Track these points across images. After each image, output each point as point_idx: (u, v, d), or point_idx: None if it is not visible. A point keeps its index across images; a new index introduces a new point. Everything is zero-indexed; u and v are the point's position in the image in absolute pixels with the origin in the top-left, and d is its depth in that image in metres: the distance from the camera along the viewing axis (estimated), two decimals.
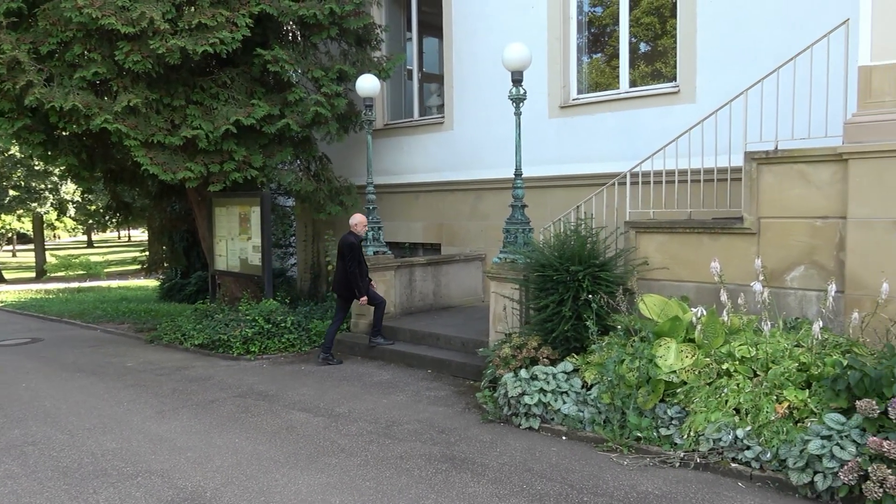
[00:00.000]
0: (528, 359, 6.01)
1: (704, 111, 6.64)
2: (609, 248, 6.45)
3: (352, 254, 7.96)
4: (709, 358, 5.11)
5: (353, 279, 7.98)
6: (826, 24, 5.71)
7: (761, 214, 5.74)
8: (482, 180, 9.73)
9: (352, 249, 7.97)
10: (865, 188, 5.11)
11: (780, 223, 5.64)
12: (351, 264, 7.96)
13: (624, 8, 8.55)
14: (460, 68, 10.06)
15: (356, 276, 7.98)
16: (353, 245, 8.01)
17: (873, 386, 4.24)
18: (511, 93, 7.16)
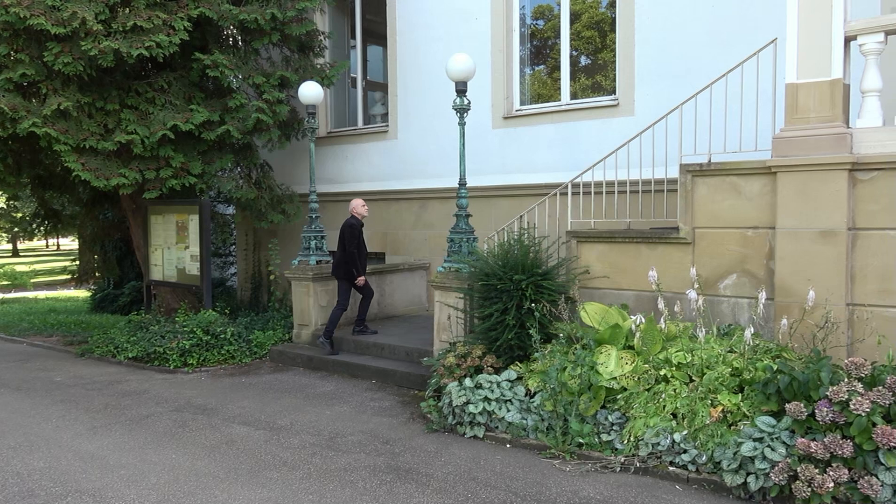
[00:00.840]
0: (472, 367, 6.04)
1: (642, 124, 6.83)
2: (551, 258, 6.56)
3: (352, 236, 8.19)
4: (647, 364, 5.24)
5: (350, 260, 8.18)
6: (756, 42, 5.95)
7: (696, 224, 5.92)
8: (427, 189, 9.76)
9: (352, 231, 8.22)
10: (792, 200, 5.33)
11: (713, 233, 5.84)
12: (350, 245, 8.18)
13: (565, 22, 8.74)
14: (405, 77, 10.08)
15: (354, 256, 8.19)
16: (353, 227, 8.27)
17: (801, 389, 4.42)
18: (455, 103, 7.21)
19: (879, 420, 4.05)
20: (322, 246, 9.09)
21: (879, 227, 5.07)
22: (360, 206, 8.45)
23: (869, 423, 4.04)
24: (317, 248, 9.02)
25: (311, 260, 8.93)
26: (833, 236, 5.18)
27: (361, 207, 8.44)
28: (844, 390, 4.19)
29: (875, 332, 5.00)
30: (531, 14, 9.43)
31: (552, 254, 6.59)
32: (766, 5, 6.61)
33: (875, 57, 5.19)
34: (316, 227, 9.06)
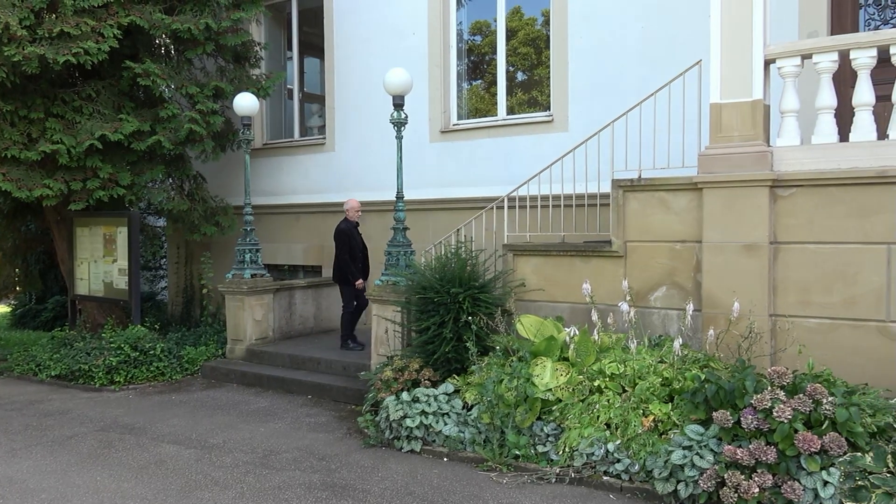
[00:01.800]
0: (409, 381, 6.02)
1: (576, 140, 6.98)
2: (488, 271, 6.62)
3: (340, 242, 8.03)
4: (582, 375, 5.33)
5: (344, 266, 8.02)
6: (683, 63, 6.16)
7: (628, 238, 6.08)
8: (364, 202, 9.66)
9: (340, 237, 8.04)
10: (717, 214, 5.54)
11: (644, 246, 6.01)
12: (340, 251, 8.02)
13: (501, 38, 8.88)
14: (342, 90, 10.05)
15: (346, 262, 8.01)
16: (343, 232, 8.09)
17: (728, 398, 4.58)
18: (392, 116, 7.23)
19: (801, 427, 4.22)
20: (257, 259, 8.94)
21: (799, 241, 5.31)
22: (354, 209, 8.27)
23: (791, 430, 4.20)
24: (252, 261, 8.87)
25: (245, 273, 8.77)
26: (756, 250, 5.40)
27: (355, 212, 8.27)
28: (768, 398, 4.36)
29: (796, 342, 5.23)
30: (468, 30, 9.55)
31: (489, 267, 6.65)
32: (692, 28, 6.87)
33: (792, 79, 5.46)
34: (251, 240, 8.90)
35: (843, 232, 5.16)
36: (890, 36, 5.13)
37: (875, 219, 5.04)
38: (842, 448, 4.11)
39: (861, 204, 5.09)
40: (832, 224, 5.19)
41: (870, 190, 5.06)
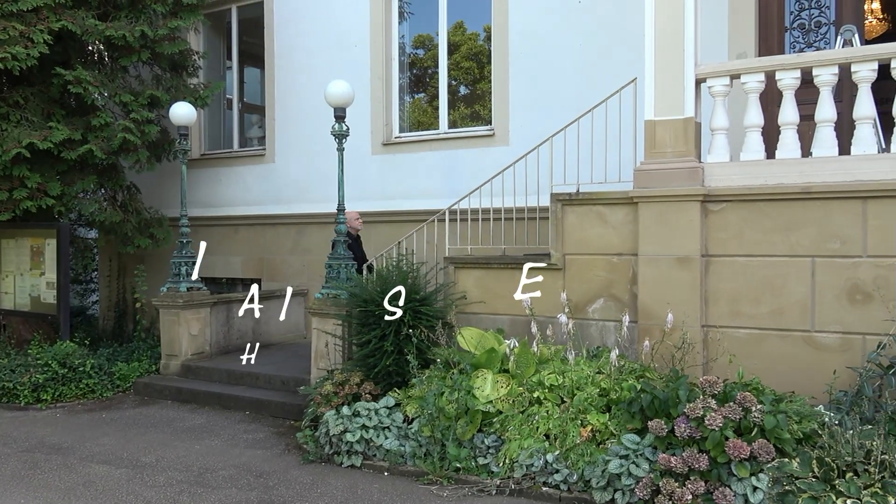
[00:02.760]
0: (350, 395, 5.96)
1: (517, 153, 7.08)
2: (430, 283, 6.63)
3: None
4: (522, 387, 5.38)
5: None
6: (620, 80, 6.34)
7: (566, 251, 6.19)
8: (305, 214, 9.63)
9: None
10: (652, 228, 5.70)
11: (582, 259, 6.12)
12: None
13: (443, 52, 8.96)
14: (283, 101, 9.95)
15: None
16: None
17: (662, 407, 4.69)
18: (334, 128, 7.20)
19: (731, 434, 4.35)
20: (193, 272, 8.73)
21: (728, 253, 5.50)
22: (354, 218, 8.11)
23: (722, 438, 4.33)
24: (187, 274, 8.65)
25: (181, 287, 8.55)
26: (688, 262, 5.57)
27: (356, 221, 8.12)
28: (700, 407, 4.48)
29: (726, 352, 5.40)
30: (411, 43, 9.59)
31: (430, 280, 6.66)
32: (628, 47, 7.05)
33: (722, 98, 5.67)
34: (187, 253, 8.69)
35: (771, 245, 5.36)
36: (813, 58, 5.39)
37: (800, 233, 5.27)
38: (770, 454, 4.25)
39: (787, 218, 5.31)
40: (760, 238, 5.39)
41: (795, 205, 5.28)
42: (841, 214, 5.14)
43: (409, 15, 9.53)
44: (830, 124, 5.29)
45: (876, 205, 5.03)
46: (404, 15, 9.48)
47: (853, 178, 5.10)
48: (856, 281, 5.10)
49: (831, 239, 5.17)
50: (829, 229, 5.17)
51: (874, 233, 5.03)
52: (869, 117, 5.17)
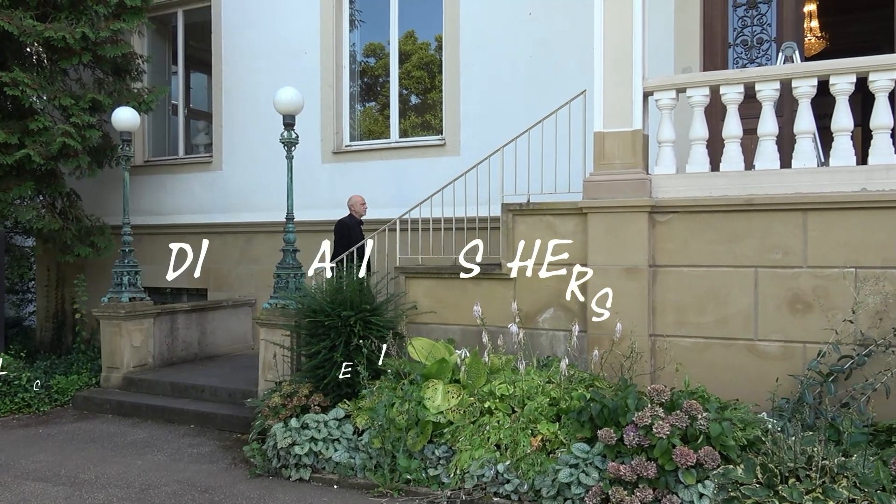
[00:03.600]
0: (298, 407, 5.86)
1: (468, 163, 7.09)
2: (380, 294, 6.57)
3: (339, 235, 7.55)
4: (473, 397, 5.36)
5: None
6: (570, 91, 6.41)
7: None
8: (253, 223, 9.46)
9: (340, 231, 7.57)
10: (601, 238, 5.77)
11: (533, 269, 6.14)
12: (339, 245, 7.50)
13: (394, 61, 8.94)
14: (231, 107, 9.78)
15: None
16: (343, 225, 7.63)
17: (611, 416, 4.73)
18: (283, 136, 7.10)
19: (678, 442, 4.41)
20: (136, 282, 8.47)
21: (675, 264, 5.60)
22: (360, 203, 7.92)
23: (669, 445, 4.38)
24: (130, 284, 8.40)
25: (123, 297, 8.29)
26: (637, 272, 5.65)
27: (360, 206, 7.92)
28: (648, 415, 4.53)
29: (673, 361, 5.50)
30: (362, 51, 9.54)
31: (381, 290, 6.61)
32: (578, 59, 7.15)
33: (669, 111, 5.79)
34: (129, 262, 8.44)
35: (715, 256, 5.48)
36: (755, 74, 5.54)
37: (743, 243, 5.40)
38: (715, 461, 4.33)
39: (731, 230, 5.44)
40: (705, 248, 5.50)
41: (738, 216, 5.41)
42: (782, 226, 5.29)
43: (360, 23, 9.49)
44: (772, 138, 5.45)
45: (815, 217, 5.19)
46: (355, 23, 9.44)
47: (794, 190, 5.26)
48: (796, 291, 5.25)
49: (773, 250, 5.31)
50: (771, 240, 5.32)
51: (814, 244, 5.19)
52: (809, 132, 5.34)
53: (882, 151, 5.10)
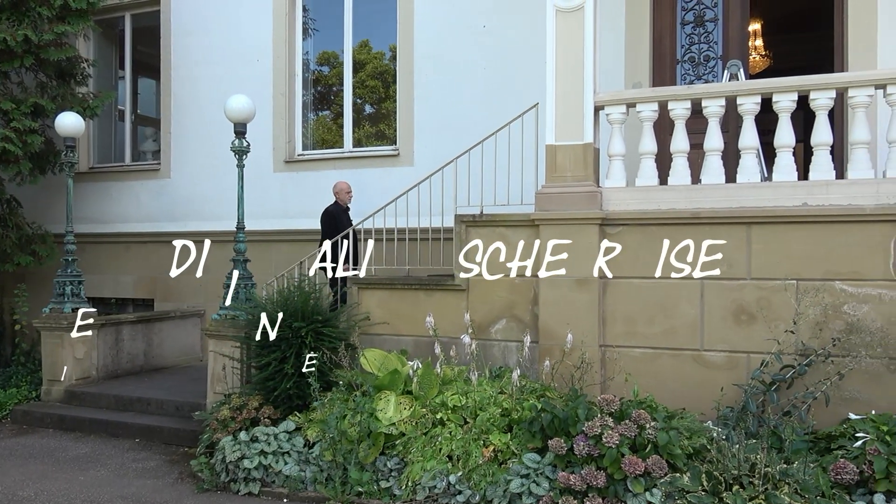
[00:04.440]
0: (248, 420, 5.76)
1: (422, 174, 7.09)
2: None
3: (327, 225, 7.33)
4: (425, 409, 5.35)
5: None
6: (523, 104, 6.46)
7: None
8: (202, 232, 9.27)
9: (326, 220, 7.39)
10: (553, 250, 5.82)
11: (485, 281, 6.17)
12: (326, 235, 7.27)
13: (348, 70, 8.91)
14: (180, 114, 9.60)
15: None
16: (329, 214, 7.44)
17: (562, 426, 4.77)
18: (234, 144, 7.00)
19: (627, 451, 4.48)
20: (79, 292, 8.22)
21: (625, 275, 5.70)
22: (344, 191, 7.74)
23: (618, 454, 4.45)
24: (73, 294, 8.14)
25: (65, 307, 8.03)
26: (587, 284, 5.72)
27: (346, 193, 7.75)
28: (598, 425, 4.59)
29: (623, 370, 5.58)
30: (316, 60, 9.48)
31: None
32: (531, 72, 7.22)
33: (619, 125, 5.89)
34: (72, 272, 8.19)
35: (664, 268, 5.59)
36: (702, 90, 5.70)
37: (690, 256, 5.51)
38: (663, 469, 4.40)
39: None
40: (654, 260, 5.61)
41: (685, 229, 5.53)
42: (727, 239, 5.42)
43: (314, 31, 9.44)
44: (718, 153, 5.60)
45: (759, 230, 5.34)
46: (308, 31, 9.38)
47: (738, 204, 5.41)
48: (741, 302, 5.39)
49: (719, 262, 5.44)
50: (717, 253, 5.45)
51: (757, 257, 5.34)
52: (753, 147, 5.50)
53: (822, 168, 5.29)
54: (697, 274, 5.49)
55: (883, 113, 5.74)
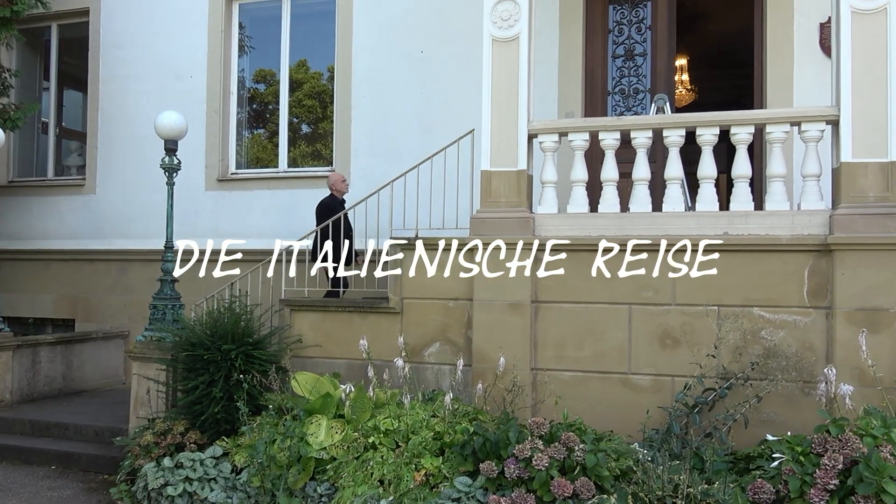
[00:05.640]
0: (173, 445, 5.59)
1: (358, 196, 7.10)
2: (264, 326, 6.41)
3: (321, 217, 7.01)
4: (357, 433, 5.30)
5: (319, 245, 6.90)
6: (460, 129, 6.58)
7: (405, 295, 6.24)
8: (128, 250, 9.01)
9: (321, 212, 7.06)
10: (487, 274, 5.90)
11: (420, 304, 6.20)
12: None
13: (284, 88, 8.86)
14: (108, 128, 9.32)
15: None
16: (324, 206, 7.14)
17: (493, 449, 4.81)
18: (164, 161, 6.85)
19: (556, 473, 4.54)
20: None
21: (556, 300, 5.81)
22: (340, 181, 7.46)
23: (548, 477, 4.50)
24: None
25: None
26: (520, 308, 5.81)
27: (341, 183, 7.46)
28: (528, 448, 4.64)
29: (553, 394, 5.66)
30: (252, 77, 9.38)
31: (265, 322, 6.45)
32: (468, 98, 7.32)
33: (552, 153, 6.04)
34: None
35: (593, 293, 5.73)
36: (631, 122, 5.90)
37: (619, 282, 5.67)
38: (591, 491, 4.48)
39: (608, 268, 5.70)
40: (584, 285, 5.74)
41: (614, 255, 5.69)
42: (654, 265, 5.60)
43: (251, 49, 9.35)
44: (645, 183, 5.80)
45: (683, 257, 5.54)
46: (245, 49, 9.29)
47: (664, 232, 5.61)
48: (666, 327, 5.56)
49: (646, 288, 5.61)
50: (644, 279, 5.63)
51: (681, 283, 5.53)
52: (678, 178, 5.73)
53: (741, 199, 5.54)
54: (625, 299, 5.65)
55: (798, 148, 6.07)
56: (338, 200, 7.43)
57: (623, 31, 7.71)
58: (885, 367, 4.95)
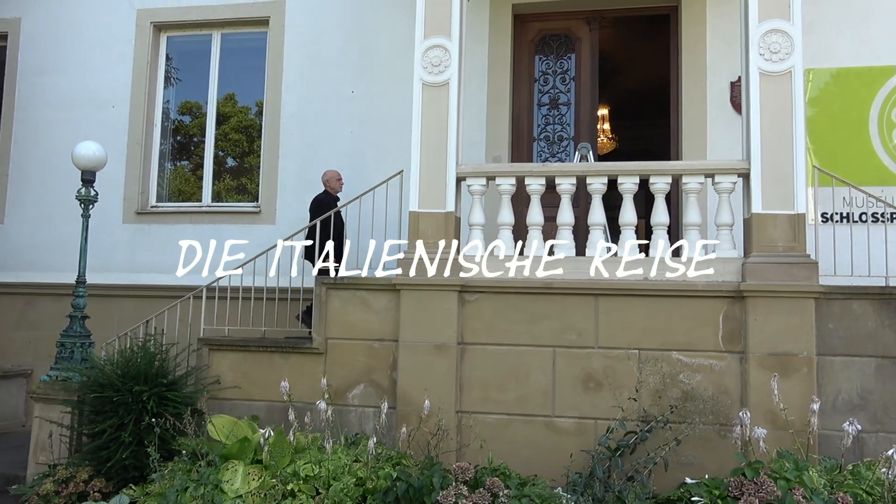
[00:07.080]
0: (75, 494, 5.27)
1: (284, 232, 7.00)
2: (180, 366, 6.16)
3: (315, 214, 6.69)
4: (275, 479, 5.11)
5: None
6: (389, 169, 6.59)
7: (329, 335, 6.13)
8: (35, 284, 8.54)
9: (316, 209, 6.81)
10: (413, 315, 5.87)
11: (344, 344, 6.09)
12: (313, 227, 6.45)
13: (211, 121, 8.71)
14: (21, 157, 8.90)
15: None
16: (319, 203, 6.87)
17: (417, 495, 4.72)
18: (80, 193, 6.58)
19: None
20: None
21: (482, 342, 5.82)
22: (334, 178, 7.21)
23: None
24: None
25: None
26: (446, 349, 5.79)
27: (336, 181, 7.21)
28: (453, 494, 4.57)
29: (479, 437, 5.63)
30: (177, 108, 9.18)
31: (181, 362, 6.20)
32: (397, 139, 7.37)
33: (480, 196, 6.11)
34: None
35: (517, 335, 5.77)
36: (555, 169, 6.06)
37: (542, 324, 5.74)
38: None
39: (532, 311, 5.77)
40: (508, 328, 5.78)
41: (539, 299, 5.77)
42: (577, 309, 5.70)
43: (177, 80, 9.17)
44: (569, 227, 5.92)
45: (606, 301, 5.67)
46: (171, 80, 9.10)
47: (587, 276, 5.72)
48: (589, 370, 5.64)
49: (569, 331, 5.70)
50: (568, 322, 5.71)
51: (604, 327, 5.65)
52: (600, 224, 5.88)
53: (659, 246, 5.72)
54: (549, 342, 5.71)
55: (713, 198, 6.34)
56: (332, 197, 7.31)
57: (548, 81, 7.95)
58: (796, 410, 5.14)
